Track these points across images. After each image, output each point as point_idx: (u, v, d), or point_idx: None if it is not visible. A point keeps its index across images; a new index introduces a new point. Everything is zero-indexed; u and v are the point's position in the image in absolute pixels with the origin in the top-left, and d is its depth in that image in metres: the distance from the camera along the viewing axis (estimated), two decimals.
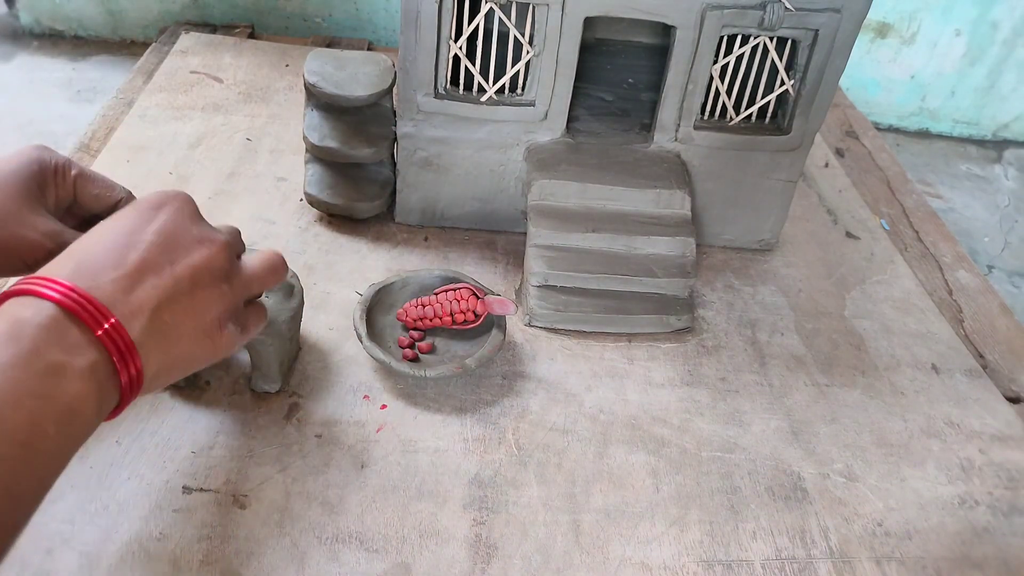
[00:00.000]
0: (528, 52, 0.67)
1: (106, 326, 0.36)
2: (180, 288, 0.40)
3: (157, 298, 0.39)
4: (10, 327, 0.34)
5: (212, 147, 0.84)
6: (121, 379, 0.37)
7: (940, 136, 1.66)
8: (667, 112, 0.71)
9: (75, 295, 0.36)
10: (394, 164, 0.74)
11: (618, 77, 0.83)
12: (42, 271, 0.38)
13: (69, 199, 0.50)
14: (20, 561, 0.46)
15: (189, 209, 0.43)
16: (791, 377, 0.66)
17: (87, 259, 0.38)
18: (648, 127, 0.74)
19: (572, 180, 0.70)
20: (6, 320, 0.35)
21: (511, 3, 0.64)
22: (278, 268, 0.47)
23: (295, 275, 0.59)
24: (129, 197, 0.52)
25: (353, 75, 0.71)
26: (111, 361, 0.37)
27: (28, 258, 0.46)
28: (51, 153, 0.49)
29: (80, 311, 0.36)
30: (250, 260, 0.46)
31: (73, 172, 0.49)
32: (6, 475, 0.32)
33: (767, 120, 0.73)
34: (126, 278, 0.38)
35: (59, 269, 0.37)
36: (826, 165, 0.95)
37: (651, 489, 0.56)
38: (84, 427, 0.36)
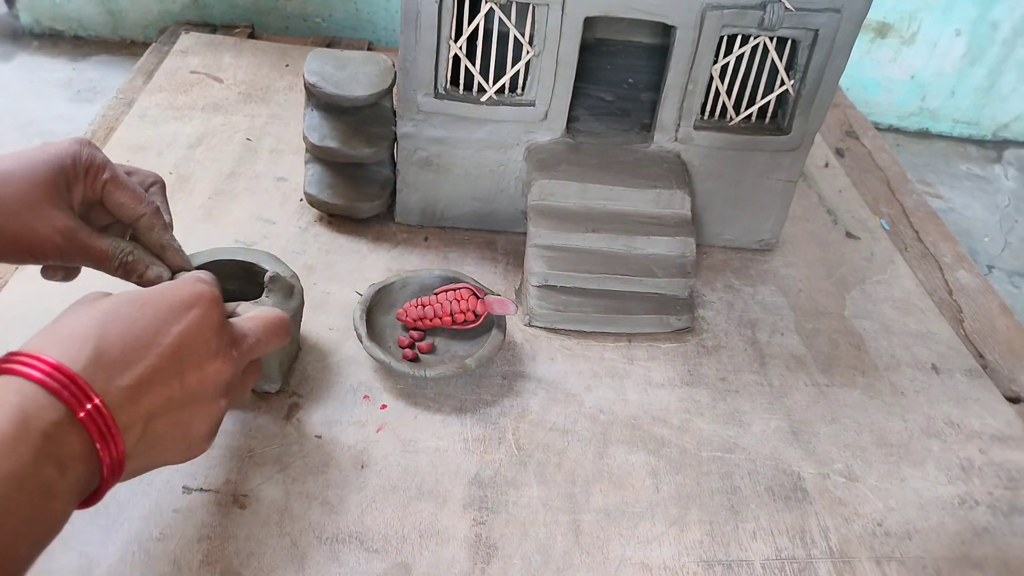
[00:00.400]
0: (528, 52, 0.67)
1: (108, 440, 0.35)
2: (181, 402, 0.39)
3: (156, 408, 0.38)
4: (16, 428, 0.33)
5: (212, 147, 0.84)
6: (100, 490, 0.36)
7: (940, 136, 1.66)
8: (667, 112, 0.71)
9: (91, 405, 0.35)
10: (394, 164, 0.74)
11: (618, 77, 0.83)
12: (52, 347, 0.36)
13: (96, 199, 0.49)
14: None
15: (215, 316, 0.41)
16: (791, 377, 0.66)
17: (106, 352, 0.36)
18: (648, 127, 0.74)
19: (572, 180, 0.70)
20: (13, 415, 0.33)
21: (511, 3, 0.64)
22: (280, 333, 0.46)
23: (295, 275, 0.59)
24: (153, 215, 0.51)
25: (353, 75, 0.71)
26: (99, 475, 0.36)
27: (37, 251, 0.46)
28: (91, 150, 0.48)
29: (90, 424, 0.35)
30: (253, 328, 0.44)
31: (105, 176, 0.48)
32: None
33: (767, 120, 0.73)
34: (136, 388, 0.37)
35: (76, 354, 0.36)
36: (826, 165, 0.96)
37: (651, 489, 0.56)
38: (50, 540, 0.35)
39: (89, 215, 0.49)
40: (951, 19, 1.50)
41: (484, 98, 0.69)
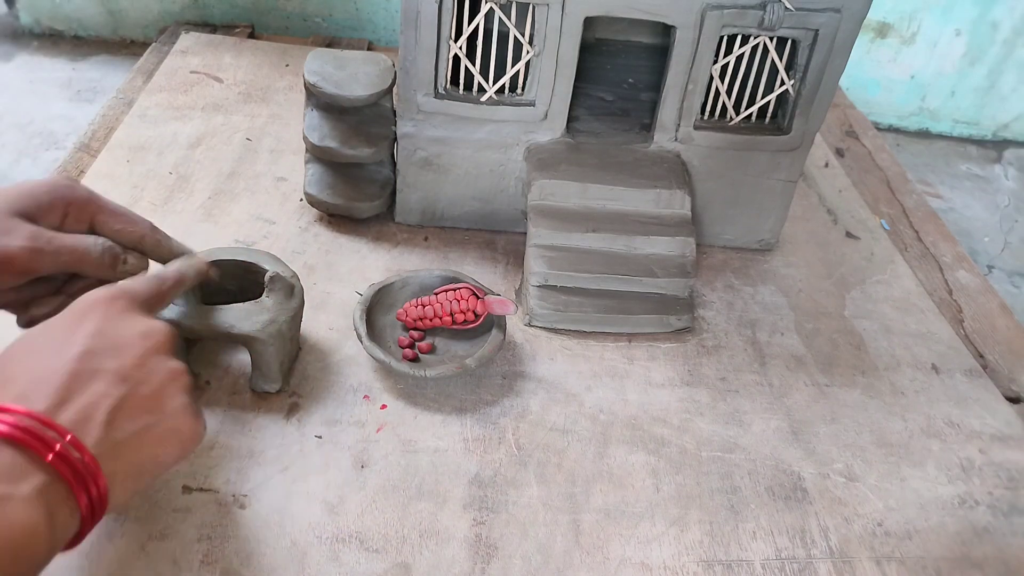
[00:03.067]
0: (528, 52, 0.67)
1: (57, 448, 0.34)
2: (132, 389, 0.38)
3: (107, 406, 0.36)
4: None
5: (212, 147, 0.84)
6: (80, 501, 0.35)
7: (940, 136, 1.66)
8: (667, 112, 0.71)
9: (13, 420, 0.34)
10: (394, 164, 0.74)
11: (618, 77, 0.83)
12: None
13: (84, 230, 0.48)
14: None
15: (119, 306, 0.40)
16: (791, 377, 0.66)
17: (10, 380, 0.36)
18: (648, 127, 0.74)
19: (572, 180, 0.70)
20: None
21: (511, 3, 0.64)
22: (185, 272, 0.48)
23: (295, 275, 0.59)
24: (153, 233, 0.51)
25: (353, 75, 0.71)
26: (64, 483, 0.34)
27: (7, 266, 0.44)
28: (71, 183, 0.48)
29: (20, 436, 0.33)
30: (157, 278, 0.46)
31: (92, 208, 0.48)
32: None
33: (767, 120, 0.73)
34: (60, 391, 0.36)
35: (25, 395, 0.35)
36: (826, 165, 0.96)
37: (651, 489, 0.56)
38: (36, 558, 0.33)
39: None
40: (951, 19, 1.50)
41: (484, 98, 0.69)
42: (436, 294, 0.63)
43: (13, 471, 0.33)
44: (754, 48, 0.68)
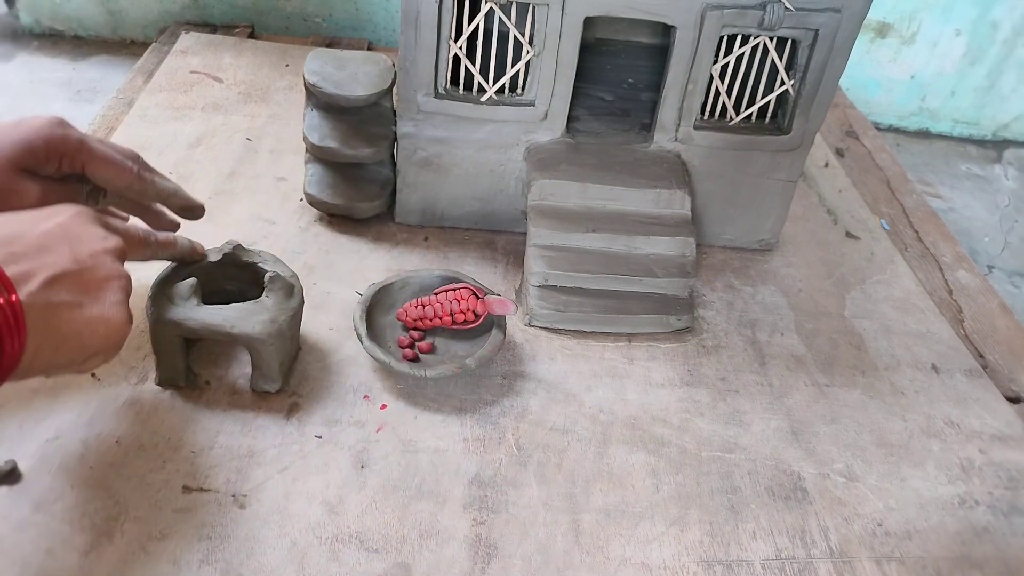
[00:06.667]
0: (528, 52, 0.67)
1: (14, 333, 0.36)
2: (79, 269, 0.41)
3: (51, 271, 0.39)
4: None
5: (212, 147, 0.84)
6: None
7: (940, 136, 1.66)
8: (667, 112, 0.71)
9: (13, 297, 0.37)
10: (394, 164, 0.74)
11: (618, 77, 0.83)
12: None
13: (79, 172, 0.50)
14: (20, 561, 0.46)
15: (90, 217, 0.44)
16: (791, 377, 0.66)
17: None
18: (648, 127, 0.74)
19: (572, 180, 0.70)
20: None
21: (511, 3, 0.64)
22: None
23: (295, 275, 0.59)
24: (139, 180, 0.52)
25: (353, 75, 0.71)
26: None
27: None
28: (64, 130, 0.49)
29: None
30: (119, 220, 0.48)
31: (82, 156, 0.49)
32: None
33: (767, 120, 0.73)
34: (16, 251, 0.39)
35: None
36: (826, 165, 0.96)
37: (651, 489, 0.56)
38: None
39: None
40: (951, 19, 1.50)
41: (484, 98, 0.69)
42: (436, 294, 0.63)
43: None
44: (754, 48, 0.68)
